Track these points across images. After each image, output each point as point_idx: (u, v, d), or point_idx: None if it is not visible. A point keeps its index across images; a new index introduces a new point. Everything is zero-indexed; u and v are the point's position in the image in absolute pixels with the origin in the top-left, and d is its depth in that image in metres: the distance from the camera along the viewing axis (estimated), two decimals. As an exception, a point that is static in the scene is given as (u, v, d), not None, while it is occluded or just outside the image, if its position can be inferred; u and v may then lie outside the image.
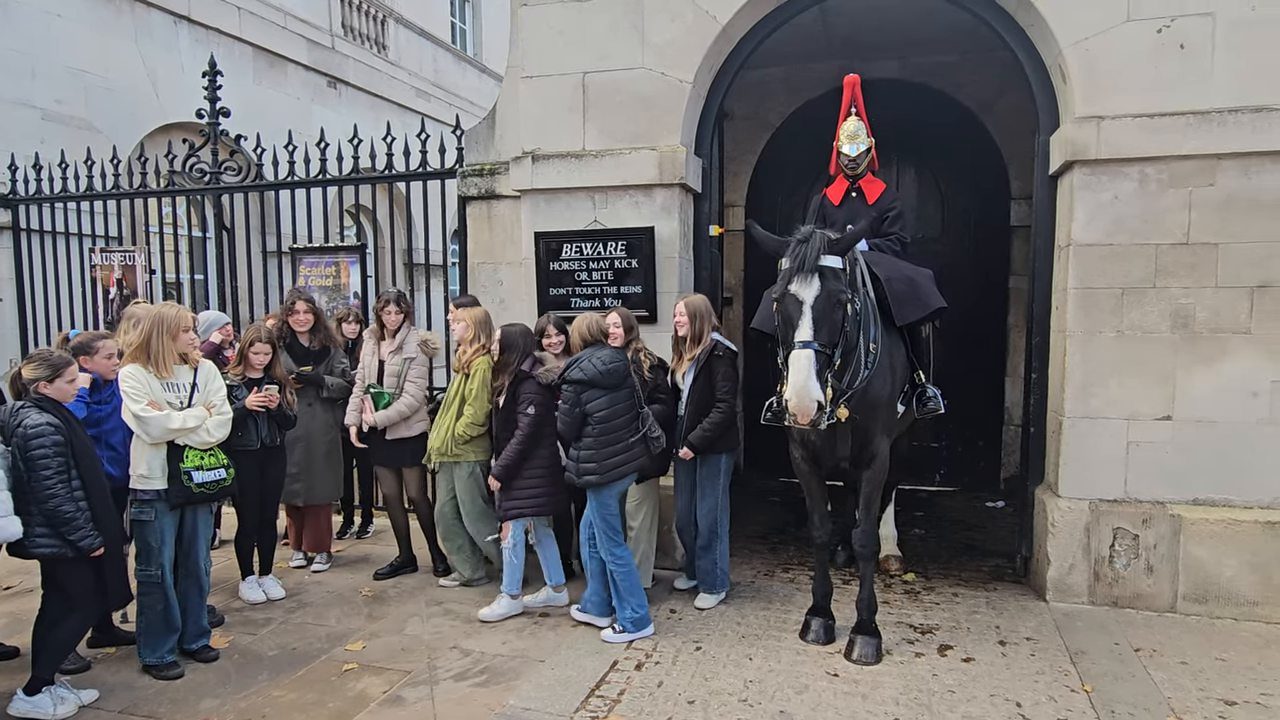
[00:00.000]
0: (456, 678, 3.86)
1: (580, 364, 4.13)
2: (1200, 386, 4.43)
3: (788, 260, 3.56)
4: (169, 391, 3.88)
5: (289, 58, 10.59)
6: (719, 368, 4.48)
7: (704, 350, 4.49)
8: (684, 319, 4.52)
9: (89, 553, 3.48)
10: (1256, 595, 4.38)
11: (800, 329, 3.42)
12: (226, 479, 4.03)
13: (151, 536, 3.86)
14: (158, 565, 3.86)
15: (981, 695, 3.62)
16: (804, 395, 3.33)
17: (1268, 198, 4.29)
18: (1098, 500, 4.59)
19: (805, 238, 3.55)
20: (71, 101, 7.93)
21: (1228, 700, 3.57)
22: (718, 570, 4.67)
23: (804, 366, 3.35)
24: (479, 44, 16.16)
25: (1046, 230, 4.87)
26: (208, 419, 3.95)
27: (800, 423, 3.39)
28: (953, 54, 6.95)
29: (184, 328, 3.93)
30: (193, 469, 3.89)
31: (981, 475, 7.47)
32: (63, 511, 3.41)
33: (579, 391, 4.13)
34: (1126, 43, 4.39)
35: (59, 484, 3.41)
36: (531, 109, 5.41)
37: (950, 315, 4.69)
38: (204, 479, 3.92)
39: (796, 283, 3.49)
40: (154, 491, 3.84)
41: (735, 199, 7.78)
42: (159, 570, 3.86)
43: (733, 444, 4.72)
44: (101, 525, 3.53)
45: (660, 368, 4.71)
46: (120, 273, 7.14)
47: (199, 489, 3.91)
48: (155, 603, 3.88)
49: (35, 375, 3.52)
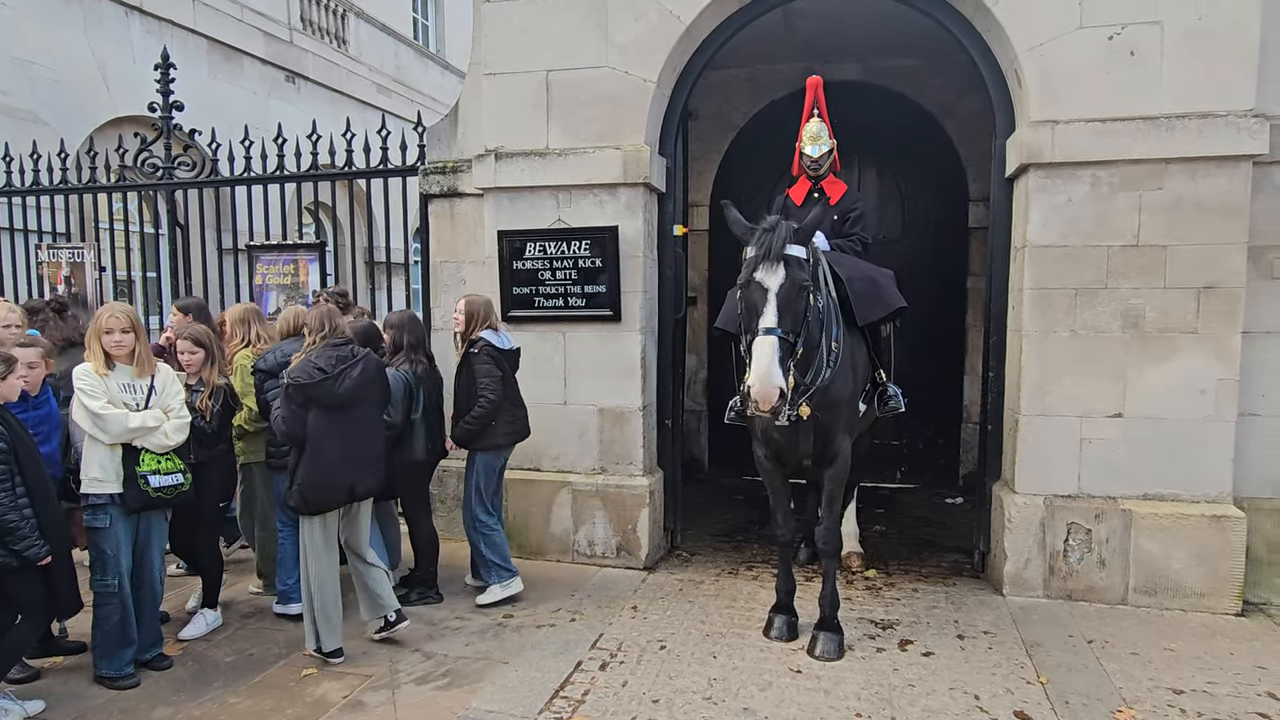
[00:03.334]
0: (419, 681, 3.81)
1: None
2: (1150, 385, 4.55)
3: (753, 248, 3.57)
4: (125, 393, 3.75)
5: (245, 51, 10.37)
6: (475, 364, 4.58)
7: (466, 346, 4.65)
8: (461, 317, 4.68)
9: (35, 562, 3.33)
10: (1203, 587, 4.52)
11: (765, 316, 3.44)
12: (184, 484, 3.88)
13: (107, 544, 3.71)
14: (115, 574, 3.71)
15: (941, 688, 3.68)
16: (767, 381, 3.34)
17: (1213, 201, 4.42)
18: (1052, 496, 4.69)
19: (771, 226, 3.57)
20: (17, 93, 7.67)
21: (1176, 689, 3.68)
22: (483, 562, 4.74)
23: (768, 352, 3.36)
24: (442, 40, 15.99)
25: (1003, 232, 4.97)
26: (166, 421, 3.81)
27: (762, 410, 3.39)
28: (914, 58, 7.05)
29: (107, 329, 3.72)
30: (149, 473, 3.74)
31: (941, 472, 7.59)
32: (6, 521, 3.26)
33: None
34: (1079, 49, 4.49)
35: (1, 493, 3.26)
36: (495, 106, 5.36)
37: (911, 315, 4.76)
38: (161, 483, 3.78)
39: (762, 270, 3.51)
40: (108, 496, 3.69)
41: (700, 199, 7.81)
42: (115, 580, 3.71)
43: (491, 444, 4.69)
44: (48, 533, 3.39)
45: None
46: (69, 270, 6.92)
47: (156, 493, 3.76)
48: (112, 614, 3.73)
49: None
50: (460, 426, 4.62)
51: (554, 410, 5.38)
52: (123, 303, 4.16)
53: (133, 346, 3.76)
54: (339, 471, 3.91)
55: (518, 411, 4.79)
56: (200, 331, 4.26)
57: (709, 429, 8.14)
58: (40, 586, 3.43)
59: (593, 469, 5.37)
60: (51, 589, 3.47)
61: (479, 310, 4.66)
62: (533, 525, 5.46)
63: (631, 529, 5.27)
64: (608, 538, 5.31)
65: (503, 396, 4.62)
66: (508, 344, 4.72)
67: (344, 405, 3.92)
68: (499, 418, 4.63)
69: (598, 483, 5.32)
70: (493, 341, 4.63)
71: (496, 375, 4.59)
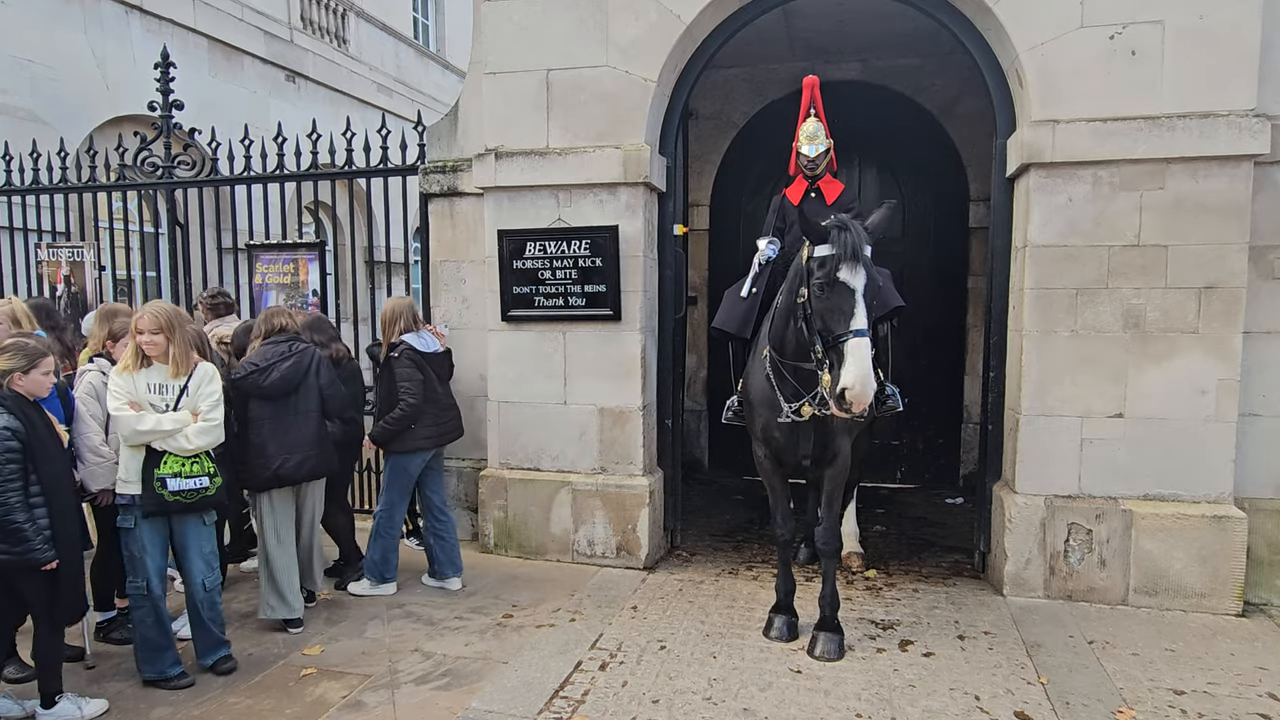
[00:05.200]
0: (418, 681, 3.81)
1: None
2: (1151, 385, 4.55)
3: (832, 246, 3.49)
4: (154, 394, 3.67)
5: (246, 50, 10.36)
6: (396, 367, 4.66)
7: (386, 349, 4.75)
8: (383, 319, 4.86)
9: (39, 566, 3.27)
10: (1204, 587, 4.51)
11: (855, 317, 3.40)
12: (209, 488, 3.74)
13: (133, 545, 3.68)
14: (143, 576, 3.67)
15: (941, 689, 3.67)
16: (868, 382, 3.32)
17: (1214, 201, 4.41)
18: (1053, 496, 4.68)
19: (844, 225, 3.51)
20: (16, 92, 7.66)
21: (1177, 690, 3.67)
22: (373, 561, 4.84)
23: (866, 354, 3.35)
24: (442, 40, 15.99)
25: (1004, 232, 4.96)
26: (191, 424, 3.70)
27: (854, 411, 3.39)
28: (914, 58, 7.05)
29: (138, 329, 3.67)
30: (169, 475, 3.63)
31: (941, 472, 7.59)
32: (10, 522, 3.17)
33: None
34: (1080, 48, 4.48)
35: (10, 493, 3.18)
36: (495, 106, 5.36)
37: (911, 315, 4.76)
38: (180, 487, 3.65)
39: (845, 270, 3.45)
40: (129, 496, 3.66)
41: (700, 198, 7.81)
42: (144, 582, 3.68)
43: (411, 446, 4.73)
44: (60, 535, 3.31)
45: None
46: (68, 269, 6.91)
47: (174, 498, 3.64)
48: (145, 616, 3.69)
49: (9, 367, 3.26)
50: (378, 426, 4.71)
51: (554, 410, 5.37)
52: (161, 301, 4.13)
53: (165, 347, 3.69)
54: (268, 454, 4.23)
55: (443, 414, 4.85)
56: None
57: (709, 429, 8.13)
58: (44, 589, 3.36)
59: (593, 469, 5.37)
60: (55, 592, 3.39)
61: (401, 313, 4.76)
62: (532, 525, 5.45)
63: (631, 529, 5.27)
64: (607, 538, 5.31)
65: (424, 400, 4.67)
66: (431, 347, 4.79)
67: (275, 396, 4.27)
68: (420, 420, 4.68)
69: (598, 482, 5.32)
70: (414, 344, 4.69)
71: (418, 379, 4.67)
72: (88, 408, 3.88)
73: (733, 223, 7.81)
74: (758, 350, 4.22)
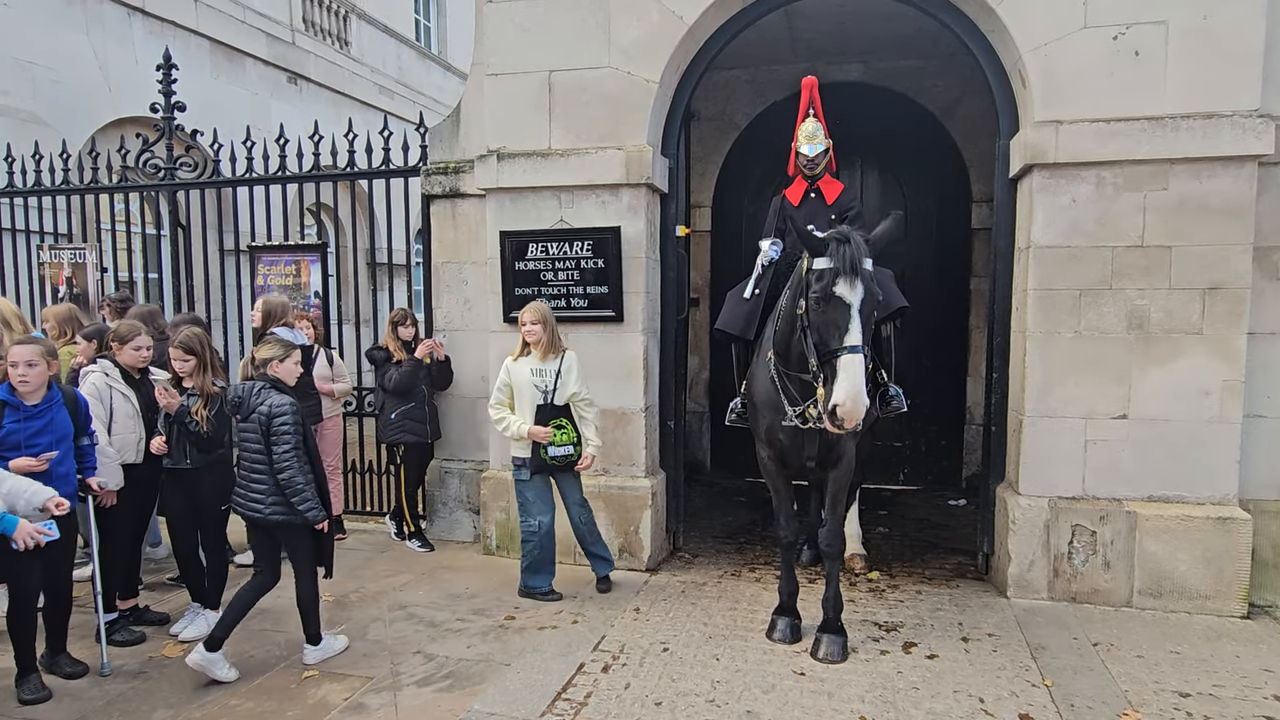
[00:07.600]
0: (420, 683, 3.80)
1: None
2: (1155, 386, 4.53)
3: (830, 260, 3.46)
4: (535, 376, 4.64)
5: (247, 52, 10.37)
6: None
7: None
8: (258, 315, 5.12)
9: (314, 524, 3.80)
10: (1209, 589, 4.50)
11: (850, 333, 3.38)
12: (574, 454, 4.67)
13: (528, 492, 4.72)
14: (535, 517, 4.67)
15: (945, 691, 3.66)
16: (860, 400, 3.32)
17: (1217, 202, 4.40)
18: (1057, 498, 4.67)
19: (845, 237, 3.48)
20: (18, 94, 7.67)
21: (1182, 692, 3.66)
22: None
23: (858, 371, 3.33)
24: (444, 41, 15.99)
25: (1007, 232, 4.95)
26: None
27: (846, 428, 3.39)
28: (916, 59, 7.05)
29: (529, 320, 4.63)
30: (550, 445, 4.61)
31: (944, 474, 7.58)
32: (296, 485, 3.70)
33: None
34: (1084, 49, 4.47)
35: (297, 459, 3.72)
36: (497, 107, 5.35)
37: (914, 316, 4.75)
38: (555, 453, 4.64)
39: (843, 285, 3.42)
40: (522, 459, 4.66)
41: (702, 199, 7.81)
42: (536, 522, 4.66)
43: None
44: (324, 500, 3.85)
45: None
46: (70, 271, 6.92)
47: (551, 461, 4.66)
48: (533, 550, 4.69)
49: (268, 355, 3.85)
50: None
51: (556, 411, 5.36)
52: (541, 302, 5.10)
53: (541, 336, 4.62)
54: None
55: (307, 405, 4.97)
56: (191, 338, 4.13)
57: (711, 430, 8.12)
58: (309, 544, 3.90)
59: (595, 470, 5.35)
60: (320, 546, 3.95)
61: (274, 310, 5.08)
62: (534, 527, 5.43)
63: (634, 530, 5.26)
64: (610, 539, 5.29)
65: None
66: (300, 342, 4.89)
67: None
68: None
69: (600, 484, 5.30)
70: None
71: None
72: (91, 408, 3.89)
73: (735, 224, 7.81)
74: (761, 352, 4.21)
